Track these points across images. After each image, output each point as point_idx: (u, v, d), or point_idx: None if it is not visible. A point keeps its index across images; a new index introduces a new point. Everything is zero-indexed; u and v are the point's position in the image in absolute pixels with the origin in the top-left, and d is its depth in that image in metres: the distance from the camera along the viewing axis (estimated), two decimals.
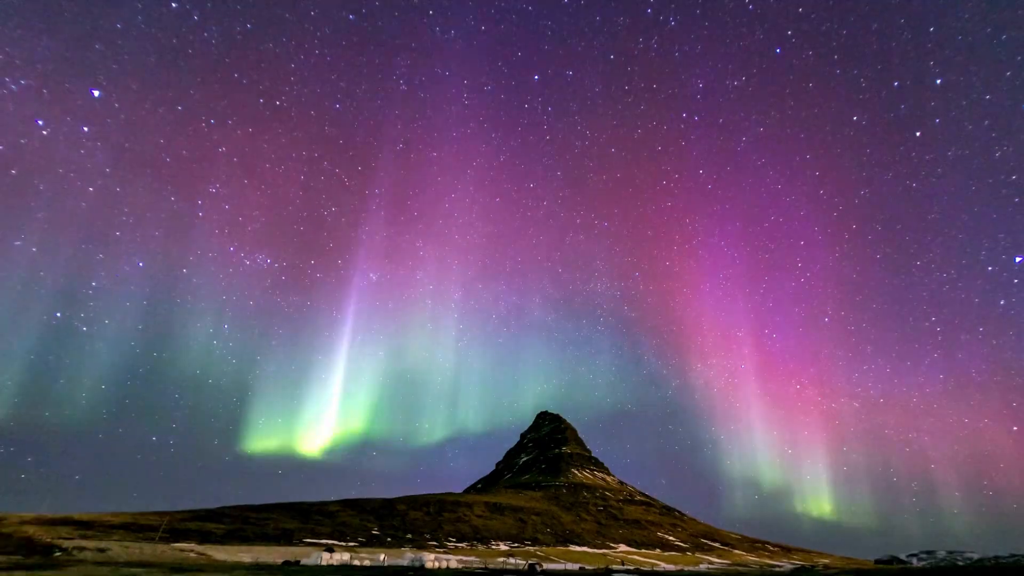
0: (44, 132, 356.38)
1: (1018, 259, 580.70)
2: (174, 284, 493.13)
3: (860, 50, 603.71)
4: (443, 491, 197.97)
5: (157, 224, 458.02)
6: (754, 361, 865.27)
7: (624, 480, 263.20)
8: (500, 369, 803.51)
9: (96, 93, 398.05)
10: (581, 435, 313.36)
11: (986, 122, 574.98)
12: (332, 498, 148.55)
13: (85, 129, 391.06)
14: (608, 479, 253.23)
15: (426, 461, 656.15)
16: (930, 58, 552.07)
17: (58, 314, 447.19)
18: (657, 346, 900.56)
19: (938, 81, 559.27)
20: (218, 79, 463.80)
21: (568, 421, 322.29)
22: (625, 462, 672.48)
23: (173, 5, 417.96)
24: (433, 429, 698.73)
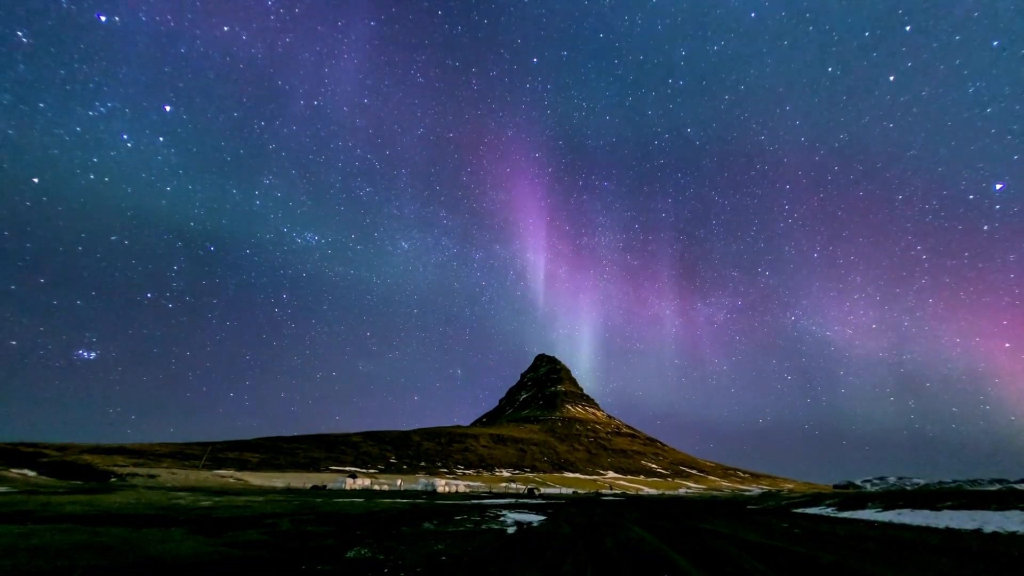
0: (128, 144, 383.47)
1: (998, 186, 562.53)
2: (240, 263, 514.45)
3: (830, 6, 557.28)
4: (452, 424, 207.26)
5: (223, 213, 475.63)
6: (750, 298, 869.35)
7: (612, 415, 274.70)
8: (518, 318, 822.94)
9: (168, 108, 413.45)
10: (588, 375, 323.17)
11: (957, 61, 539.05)
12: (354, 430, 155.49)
13: (161, 139, 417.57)
14: (598, 413, 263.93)
15: (448, 398, 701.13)
16: (899, 7, 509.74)
17: (148, 295, 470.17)
18: (659, 289, 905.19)
19: (907, 28, 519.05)
20: (265, 86, 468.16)
21: (562, 362, 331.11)
22: (637, 394, 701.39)
23: (225, 28, 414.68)
24: (455, 374, 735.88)
